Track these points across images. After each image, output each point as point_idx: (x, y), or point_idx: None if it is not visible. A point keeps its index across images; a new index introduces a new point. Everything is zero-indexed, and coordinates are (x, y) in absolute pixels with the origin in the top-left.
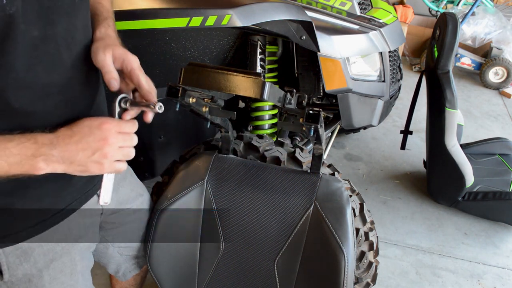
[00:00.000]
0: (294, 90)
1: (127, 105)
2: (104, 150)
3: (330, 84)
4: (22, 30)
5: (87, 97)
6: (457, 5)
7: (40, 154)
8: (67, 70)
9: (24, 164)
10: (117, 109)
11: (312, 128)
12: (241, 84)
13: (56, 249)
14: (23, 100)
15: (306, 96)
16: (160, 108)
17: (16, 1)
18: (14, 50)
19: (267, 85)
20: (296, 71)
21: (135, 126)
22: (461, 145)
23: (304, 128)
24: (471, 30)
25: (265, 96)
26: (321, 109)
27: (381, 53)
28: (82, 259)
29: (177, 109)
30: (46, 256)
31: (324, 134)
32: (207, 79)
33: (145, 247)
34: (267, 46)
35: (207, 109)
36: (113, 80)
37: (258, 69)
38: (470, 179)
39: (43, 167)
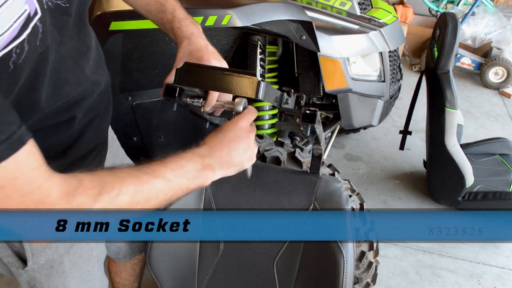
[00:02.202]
0: (292, 90)
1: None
2: (251, 145)
3: (330, 84)
4: (49, 62)
5: (104, 93)
6: (457, 5)
7: (207, 165)
8: (88, 78)
9: (198, 177)
10: (243, 106)
11: (309, 128)
12: (236, 84)
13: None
14: (53, 115)
15: (305, 96)
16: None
17: (46, 40)
18: (43, 83)
19: (262, 84)
20: (296, 71)
21: (255, 111)
22: (461, 145)
23: (302, 128)
24: (471, 30)
25: (260, 96)
26: (317, 109)
27: (381, 53)
28: (97, 245)
29: (174, 109)
30: (66, 242)
31: (322, 134)
32: (202, 79)
33: (145, 247)
34: (267, 46)
35: (207, 108)
36: None
37: (258, 69)
38: (470, 179)
39: (211, 176)
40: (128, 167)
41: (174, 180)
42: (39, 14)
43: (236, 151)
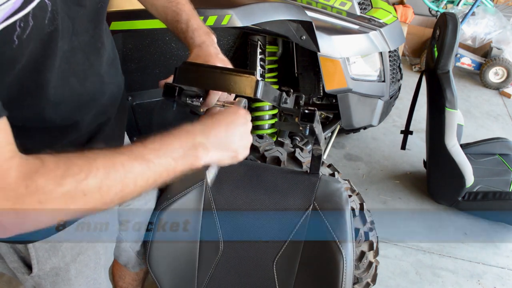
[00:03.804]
0: (291, 90)
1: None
2: (248, 133)
3: (330, 84)
4: (59, 47)
5: (116, 97)
6: (457, 5)
7: (198, 144)
8: (98, 76)
9: (187, 156)
10: (243, 106)
11: (308, 127)
12: (235, 83)
13: (82, 243)
14: (62, 114)
15: (304, 96)
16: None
17: (56, 20)
18: (51, 68)
19: (261, 83)
20: (296, 71)
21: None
22: (461, 145)
23: (301, 128)
24: (471, 30)
25: (259, 95)
26: (316, 108)
27: (381, 53)
28: (105, 253)
29: (174, 109)
30: (73, 250)
31: (322, 134)
32: (201, 78)
33: (145, 247)
34: (267, 46)
35: (205, 109)
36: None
37: (258, 69)
38: (470, 179)
39: (203, 156)
40: (102, 149)
41: (157, 162)
42: None
43: (233, 135)
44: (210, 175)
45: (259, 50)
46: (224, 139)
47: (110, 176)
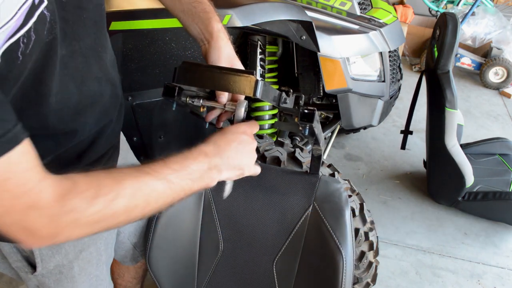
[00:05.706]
0: (291, 90)
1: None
2: (254, 152)
3: (330, 84)
4: (58, 54)
5: (115, 97)
6: (457, 5)
7: (214, 165)
8: (98, 79)
9: (203, 178)
10: (244, 114)
11: (307, 127)
12: (234, 83)
13: (84, 239)
14: (64, 120)
15: (304, 96)
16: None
17: (54, 29)
18: (51, 76)
19: (260, 83)
20: (296, 71)
21: (257, 124)
22: (461, 145)
23: (300, 128)
24: (471, 30)
25: (258, 95)
26: (315, 108)
27: (381, 53)
28: (106, 249)
29: (173, 109)
30: (76, 247)
31: (321, 134)
32: (200, 78)
33: (145, 247)
34: (267, 46)
35: (205, 109)
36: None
37: (258, 69)
38: (470, 179)
39: (217, 177)
40: (127, 167)
41: (177, 182)
42: (45, 3)
43: (242, 155)
44: (227, 189)
45: (259, 50)
46: (235, 159)
47: (136, 196)
